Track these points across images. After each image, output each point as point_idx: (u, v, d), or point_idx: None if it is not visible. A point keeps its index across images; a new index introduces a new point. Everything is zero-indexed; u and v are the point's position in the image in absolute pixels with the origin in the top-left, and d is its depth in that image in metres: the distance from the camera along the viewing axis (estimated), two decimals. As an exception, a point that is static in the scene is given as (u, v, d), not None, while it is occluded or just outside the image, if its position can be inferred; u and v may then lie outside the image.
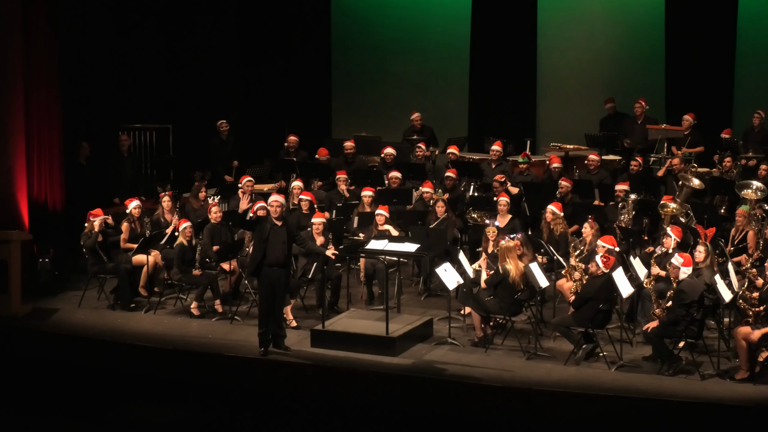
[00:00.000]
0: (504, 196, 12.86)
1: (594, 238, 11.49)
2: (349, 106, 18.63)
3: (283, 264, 10.54)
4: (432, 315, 11.61)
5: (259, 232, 10.54)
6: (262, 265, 10.47)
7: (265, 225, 10.53)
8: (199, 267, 12.04)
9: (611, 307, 10.61)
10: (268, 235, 10.46)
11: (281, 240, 10.49)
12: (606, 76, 17.23)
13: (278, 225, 10.47)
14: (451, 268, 10.87)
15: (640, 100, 15.66)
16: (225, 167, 15.91)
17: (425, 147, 15.41)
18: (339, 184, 14.23)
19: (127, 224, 12.57)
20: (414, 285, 13.09)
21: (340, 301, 12.09)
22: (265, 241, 10.46)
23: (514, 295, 10.74)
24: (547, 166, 14.67)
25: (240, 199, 13.00)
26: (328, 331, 10.89)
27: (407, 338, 10.86)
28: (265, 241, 10.47)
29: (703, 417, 9.41)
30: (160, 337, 11.27)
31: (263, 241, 10.48)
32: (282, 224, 10.52)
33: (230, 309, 11.93)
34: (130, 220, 12.62)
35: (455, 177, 14.13)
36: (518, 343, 10.78)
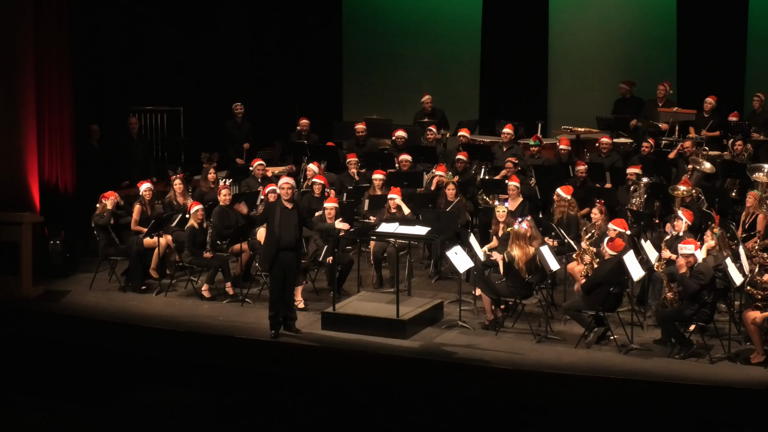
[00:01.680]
0: (514, 180, 12.79)
1: (604, 222, 11.42)
2: (360, 88, 18.55)
3: (294, 247, 10.50)
4: (442, 298, 11.60)
5: (270, 218, 10.48)
6: (276, 257, 10.41)
7: (275, 209, 10.47)
8: (210, 249, 12.03)
9: (622, 291, 10.57)
10: (279, 219, 10.40)
11: (292, 223, 10.45)
12: (618, 58, 17.11)
13: (288, 207, 10.42)
14: (462, 251, 10.84)
15: (665, 83, 15.52)
16: (237, 150, 15.88)
17: (436, 130, 15.37)
18: (350, 167, 14.18)
19: (138, 206, 12.56)
20: (424, 268, 13.07)
21: (352, 284, 12.07)
22: (276, 226, 10.40)
23: (523, 279, 10.68)
24: (557, 148, 14.59)
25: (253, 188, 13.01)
26: (338, 314, 10.89)
27: (418, 321, 10.85)
28: (276, 227, 10.40)
29: (715, 400, 9.36)
30: (171, 320, 11.28)
31: (274, 227, 10.42)
32: (293, 207, 10.46)
33: (241, 291, 11.93)
34: (142, 203, 12.59)
35: (466, 160, 14.08)
36: (529, 326, 10.76)
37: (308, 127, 15.62)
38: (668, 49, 16.71)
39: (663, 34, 16.79)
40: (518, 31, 17.29)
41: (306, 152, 14.90)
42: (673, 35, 16.71)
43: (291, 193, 10.43)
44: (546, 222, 11.94)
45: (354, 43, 18.54)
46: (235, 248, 12.26)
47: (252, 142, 16.04)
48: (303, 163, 14.41)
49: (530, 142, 14.62)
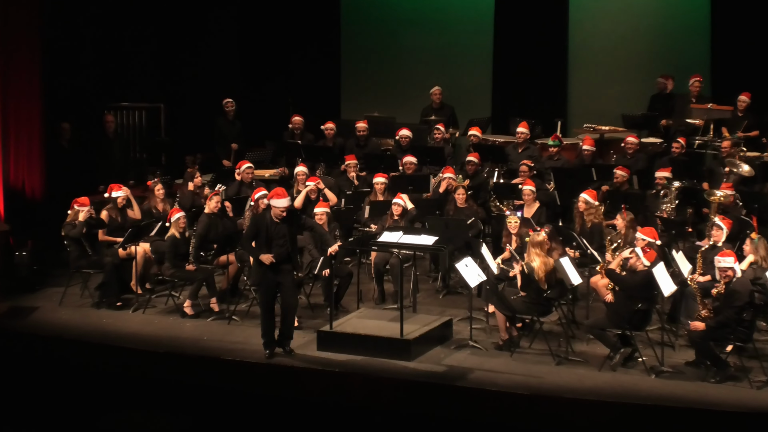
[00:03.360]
0: (529, 184, 12.78)
1: (629, 230, 11.38)
2: (360, 83, 18.57)
3: (286, 260, 10.46)
4: (451, 315, 11.57)
5: (255, 231, 10.45)
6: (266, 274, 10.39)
7: (262, 222, 10.45)
8: (193, 261, 11.99)
9: (651, 307, 10.52)
10: (267, 233, 10.38)
11: (282, 235, 10.42)
12: (645, 49, 17.11)
13: (278, 222, 10.42)
14: (473, 263, 10.80)
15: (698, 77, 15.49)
16: (227, 151, 15.88)
17: (444, 128, 15.35)
18: (348, 169, 14.16)
19: (105, 213, 12.52)
20: (431, 282, 13.04)
21: (351, 299, 12.04)
22: (264, 240, 10.38)
23: (542, 293, 10.64)
24: (579, 149, 14.58)
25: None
26: (335, 333, 10.85)
27: (424, 341, 10.82)
28: (264, 241, 10.38)
29: (754, 429, 9.29)
30: (150, 339, 11.25)
31: (262, 242, 10.38)
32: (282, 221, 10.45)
33: (228, 308, 11.89)
34: (111, 208, 12.56)
35: (477, 162, 14.06)
36: (547, 346, 10.72)
37: (302, 125, 15.62)
38: (701, 38, 16.70)
39: (695, 22, 16.79)
40: (535, 19, 17.29)
41: (300, 153, 14.87)
42: (707, 23, 16.69)
43: (282, 216, 10.44)
44: (566, 231, 11.90)
45: (353, 32, 18.55)
46: (221, 260, 12.24)
47: (241, 142, 16.02)
48: (297, 165, 14.39)
49: (548, 142, 14.60)
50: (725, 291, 10.08)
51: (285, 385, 10.46)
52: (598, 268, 11.26)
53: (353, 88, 18.64)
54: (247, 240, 10.62)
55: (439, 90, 16.39)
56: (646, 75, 16.37)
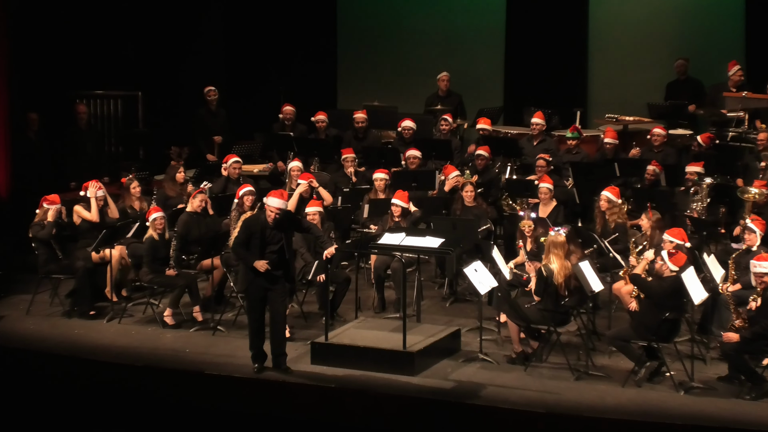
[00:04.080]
0: (546, 181, 12.77)
1: (655, 231, 11.39)
2: (358, 69, 18.56)
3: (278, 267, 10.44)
4: (459, 325, 11.57)
5: (248, 235, 10.43)
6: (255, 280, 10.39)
7: (255, 224, 10.42)
8: (174, 266, 11.98)
9: (680, 316, 10.51)
10: (261, 237, 10.35)
11: (276, 240, 10.42)
12: (673, 32, 17.10)
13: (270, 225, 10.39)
14: (483, 268, 10.80)
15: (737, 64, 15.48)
16: (210, 144, 15.85)
17: (452, 119, 15.33)
18: (346, 164, 14.15)
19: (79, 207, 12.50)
20: (437, 288, 13.04)
21: (348, 307, 12.03)
22: (258, 245, 10.37)
23: (560, 300, 10.64)
24: (600, 142, 14.57)
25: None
26: (331, 345, 10.85)
27: (429, 353, 10.81)
28: (258, 246, 10.37)
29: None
30: (127, 352, 11.23)
31: (255, 248, 10.36)
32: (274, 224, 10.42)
33: (212, 317, 11.88)
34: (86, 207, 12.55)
35: (488, 156, 14.05)
36: (565, 359, 10.71)
37: (293, 115, 15.61)
38: (735, 19, 16.69)
39: (728, 2, 16.75)
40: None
41: (292, 146, 14.87)
42: (741, 3, 16.68)
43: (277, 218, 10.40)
44: (587, 232, 11.88)
45: (351, 13, 18.55)
46: (205, 264, 12.22)
47: (227, 134, 16.01)
48: (289, 159, 14.38)
49: (567, 134, 14.60)
50: (762, 299, 10.06)
51: (275, 402, 10.45)
52: (622, 273, 11.26)
53: (351, 74, 18.63)
54: (239, 245, 10.57)
55: (446, 76, 16.38)
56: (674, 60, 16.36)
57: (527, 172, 14.08)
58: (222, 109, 16.15)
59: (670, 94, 16.01)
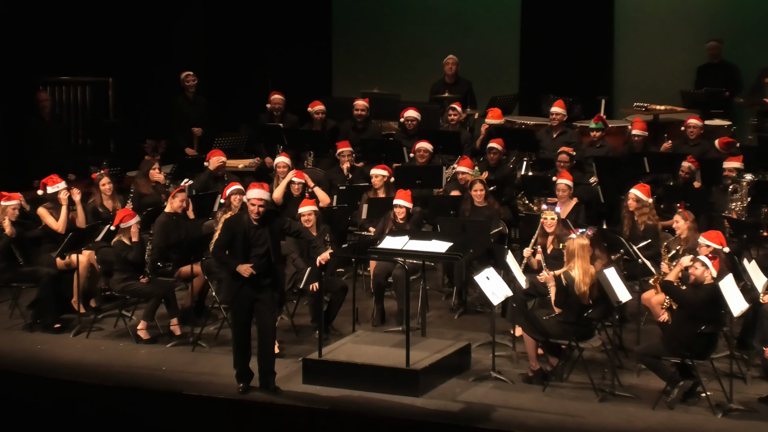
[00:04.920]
0: (565, 177, 12.79)
1: (691, 233, 11.39)
2: (355, 52, 18.61)
3: (265, 274, 10.45)
4: (469, 339, 11.58)
5: (230, 236, 10.41)
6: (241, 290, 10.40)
7: (240, 225, 10.42)
8: (148, 273, 11.98)
9: (717, 330, 10.51)
10: (244, 239, 10.36)
11: (262, 241, 10.41)
12: (708, 11, 17.10)
13: (257, 225, 10.39)
14: (496, 275, 10.80)
15: None
16: (188, 136, 15.86)
17: (461, 108, 15.34)
18: (342, 159, 14.16)
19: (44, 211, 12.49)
20: (444, 298, 13.06)
21: (345, 320, 12.04)
22: (241, 248, 10.35)
23: (583, 312, 10.64)
24: (628, 134, 14.58)
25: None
26: (326, 362, 10.85)
27: (435, 371, 10.81)
28: (241, 248, 10.35)
29: None
30: (96, 369, 11.22)
31: (238, 251, 10.35)
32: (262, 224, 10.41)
33: (192, 331, 11.89)
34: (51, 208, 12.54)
35: (501, 150, 14.06)
36: (589, 378, 10.71)
37: (283, 104, 15.62)
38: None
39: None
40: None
41: (281, 139, 14.87)
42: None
43: (262, 211, 10.38)
44: (612, 235, 11.88)
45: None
46: (184, 271, 12.23)
47: (207, 125, 16.01)
48: (278, 153, 14.40)
49: (590, 124, 14.61)
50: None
51: (263, 426, 10.44)
52: (652, 281, 11.25)
53: (348, 58, 18.67)
54: (219, 248, 10.56)
55: (454, 60, 16.38)
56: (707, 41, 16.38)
57: (545, 168, 14.08)
58: (201, 97, 16.15)
59: (701, 80, 15.99)
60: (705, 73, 16.13)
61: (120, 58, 16.59)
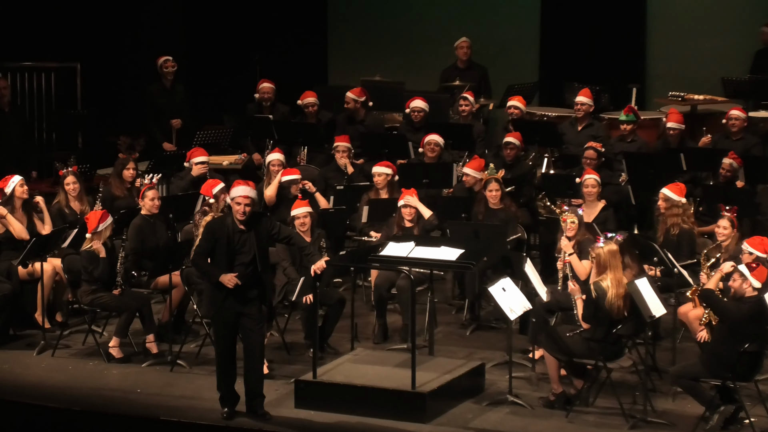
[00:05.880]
0: (591, 173, 12.82)
1: (735, 240, 11.39)
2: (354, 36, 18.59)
3: (252, 285, 10.47)
4: (483, 359, 11.60)
5: (212, 242, 10.41)
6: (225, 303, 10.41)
7: (222, 229, 10.43)
8: (121, 284, 12.02)
9: (762, 348, 10.53)
10: (228, 245, 10.39)
11: (248, 248, 10.43)
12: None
13: (242, 229, 10.42)
14: (513, 287, 10.82)
15: None
16: (165, 129, 15.90)
17: (473, 98, 15.36)
18: (339, 155, 14.20)
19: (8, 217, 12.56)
20: (454, 312, 13.09)
21: (342, 336, 12.07)
22: (224, 254, 10.36)
23: (613, 327, 10.66)
24: (662, 127, 14.58)
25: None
26: (320, 383, 10.87)
27: (445, 394, 10.83)
28: (225, 255, 10.37)
29: None
30: (63, 392, 11.25)
31: (221, 259, 10.37)
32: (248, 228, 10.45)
33: (170, 349, 11.91)
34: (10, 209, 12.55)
35: (519, 145, 14.09)
36: (618, 402, 10.72)
37: (273, 93, 15.65)
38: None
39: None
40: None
41: (271, 133, 14.90)
42: None
43: (249, 212, 10.39)
44: (645, 241, 11.90)
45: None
46: (161, 282, 12.24)
47: (188, 117, 16.04)
48: (267, 148, 14.41)
49: (620, 116, 14.63)
50: None
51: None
52: (689, 293, 11.25)
53: (345, 42, 18.68)
54: (200, 255, 10.55)
55: (467, 43, 16.39)
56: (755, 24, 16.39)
57: (569, 165, 14.09)
58: (180, 85, 16.17)
59: (757, 66, 15.96)
60: (762, 58, 16.08)
61: (89, 42, 16.60)
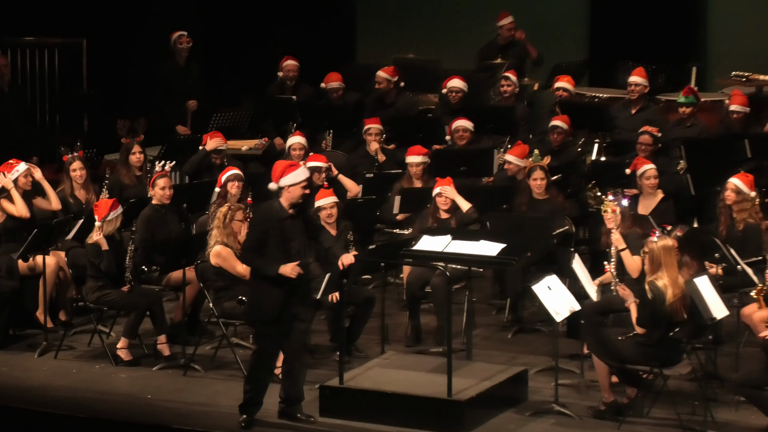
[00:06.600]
0: (646, 162, 12.81)
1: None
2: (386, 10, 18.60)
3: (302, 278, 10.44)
4: (526, 364, 11.60)
5: (263, 232, 10.34)
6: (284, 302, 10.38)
7: (271, 216, 10.39)
8: (130, 280, 12.07)
9: (835, 354, 10.53)
10: (282, 234, 10.35)
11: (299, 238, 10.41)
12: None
13: (291, 214, 10.38)
14: (560, 285, 10.83)
15: None
16: (179, 111, 15.96)
17: (516, 77, 15.38)
18: (369, 140, 14.25)
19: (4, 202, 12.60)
20: (494, 313, 13.12)
21: (371, 339, 12.12)
22: (279, 245, 10.32)
23: (670, 331, 10.65)
24: (725, 110, 14.55)
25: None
26: (348, 389, 10.88)
27: (484, 403, 10.82)
28: (279, 246, 10.32)
29: None
30: (67, 397, 11.27)
31: (278, 251, 10.32)
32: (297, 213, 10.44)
33: (183, 351, 11.95)
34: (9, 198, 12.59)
35: (567, 129, 14.11)
36: (675, 413, 10.71)
37: (297, 71, 15.69)
38: None
39: None
40: None
41: (294, 115, 14.93)
42: None
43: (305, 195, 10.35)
44: (706, 236, 11.89)
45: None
46: (174, 278, 12.31)
47: (203, 99, 16.08)
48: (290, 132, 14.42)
49: (678, 98, 14.60)
50: None
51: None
52: (754, 293, 11.23)
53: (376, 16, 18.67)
54: (252, 249, 10.41)
55: (512, 21, 16.36)
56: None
57: (622, 152, 14.08)
58: (195, 63, 16.22)
59: None
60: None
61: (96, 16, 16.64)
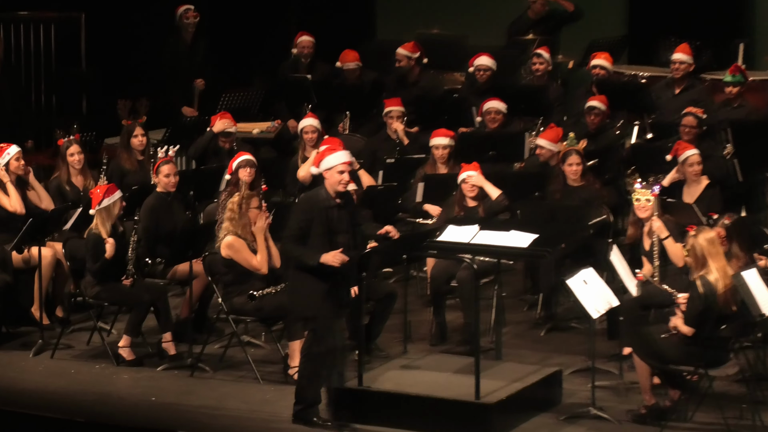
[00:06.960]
0: (689, 147, 12.77)
1: None
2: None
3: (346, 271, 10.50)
4: (560, 364, 11.60)
5: (307, 220, 10.38)
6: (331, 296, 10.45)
7: (316, 203, 10.43)
8: (132, 274, 12.01)
9: None
10: (328, 222, 10.38)
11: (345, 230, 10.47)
12: None
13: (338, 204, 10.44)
14: (596, 278, 10.78)
15: None
16: (185, 92, 15.89)
17: (549, 54, 15.35)
18: (391, 122, 14.21)
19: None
20: (526, 309, 13.14)
21: (392, 336, 12.14)
22: (325, 234, 10.35)
23: (718, 327, 10.54)
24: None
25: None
26: (367, 392, 10.88)
27: (515, 406, 10.83)
28: (325, 235, 10.36)
29: None
30: (64, 399, 11.31)
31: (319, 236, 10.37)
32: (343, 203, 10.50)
33: (190, 350, 11.94)
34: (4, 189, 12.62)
35: (605, 110, 14.07)
36: (721, 416, 10.68)
37: (313, 48, 15.71)
38: None
39: None
40: None
41: (309, 96, 14.90)
42: None
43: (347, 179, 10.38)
44: (755, 225, 11.84)
45: None
46: (179, 271, 12.29)
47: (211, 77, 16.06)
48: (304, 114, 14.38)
49: (725, 77, 14.55)
50: None
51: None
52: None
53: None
54: (293, 239, 10.46)
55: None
56: None
57: (664, 135, 14.02)
58: (203, 40, 16.24)
59: None
60: None
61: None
